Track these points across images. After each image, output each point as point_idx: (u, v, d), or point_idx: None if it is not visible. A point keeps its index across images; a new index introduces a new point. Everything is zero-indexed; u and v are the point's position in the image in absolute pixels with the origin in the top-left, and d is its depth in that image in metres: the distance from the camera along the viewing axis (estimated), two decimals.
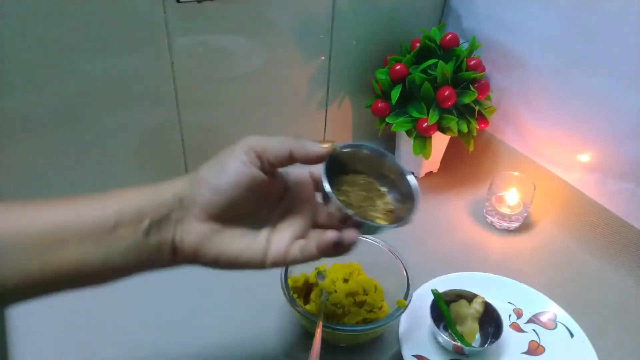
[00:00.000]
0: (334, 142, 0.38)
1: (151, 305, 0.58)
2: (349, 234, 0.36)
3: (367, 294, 0.55)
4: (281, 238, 0.38)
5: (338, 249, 0.36)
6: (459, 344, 0.53)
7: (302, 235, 0.39)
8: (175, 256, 0.36)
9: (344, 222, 0.37)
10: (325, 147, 0.37)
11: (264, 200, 0.39)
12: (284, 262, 0.38)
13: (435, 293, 0.56)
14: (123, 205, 0.34)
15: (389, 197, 0.41)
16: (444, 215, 0.77)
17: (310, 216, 0.40)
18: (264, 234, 0.38)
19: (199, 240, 0.36)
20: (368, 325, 0.51)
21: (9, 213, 0.33)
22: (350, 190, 0.39)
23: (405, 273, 0.55)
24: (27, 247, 0.32)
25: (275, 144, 0.37)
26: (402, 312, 0.51)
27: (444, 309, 0.56)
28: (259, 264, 0.37)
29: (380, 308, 0.55)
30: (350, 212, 0.36)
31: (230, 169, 0.35)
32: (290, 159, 0.37)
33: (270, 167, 0.37)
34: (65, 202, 0.34)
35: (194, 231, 0.35)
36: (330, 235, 0.36)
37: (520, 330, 0.58)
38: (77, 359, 0.52)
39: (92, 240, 0.33)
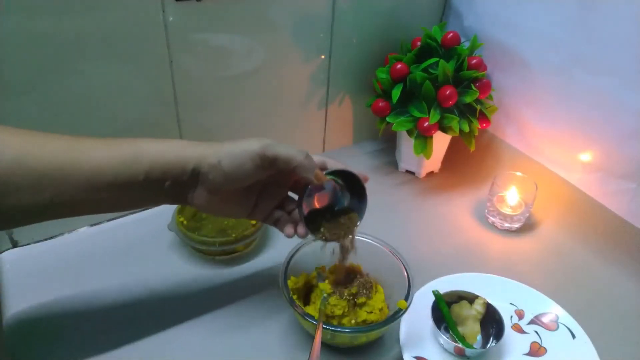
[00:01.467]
0: (327, 178, 0.49)
1: (150, 304, 0.58)
2: (300, 230, 0.51)
3: (367, 295, 0.54)
4: (265, 206, 0.52)
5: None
6: (460, 345, 0.52)
7: (280, 205, 0.53)
8: (184, 203, 0.48)
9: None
10: (319, 181, 0.47)
11: (261, 187, 0.51)
12: (263, 222, 0.54)
13: (436, 294, 0.56)
14: (152, 167, 0.43)
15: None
16: (445, 216, 0.76)
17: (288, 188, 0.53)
18: (252, 200, 0.51)
19: (204, 203, 0.47)
20: (368, 327, 0.50)
21: (73, 147, 0.42)
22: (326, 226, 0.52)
23: (406, 274, 0.55)
24: (80, 183, 0.41)
25: (287, 157, 0.44)
26: (403, 313, 0.51)
27: (445, 310, 0.55)
28: (244, 218, 0.52)
29: (381, 309, 0.54)
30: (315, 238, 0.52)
31: (246, 168, 0.44)
32: (292, 172, 0.45)
33: (276, 172, 0.46)
34: (110, 147, 0.43)
35: (202, 197, 0.46)
36: (288, 231, 0.51)
37: (521, 331, 0.57)
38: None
39: (125, 188, 0.43)
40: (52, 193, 0.40)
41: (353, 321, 0.53)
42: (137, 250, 0.65)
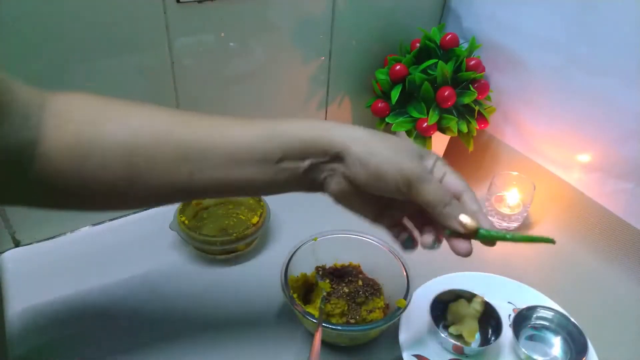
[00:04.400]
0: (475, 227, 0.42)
1: (152, 303, 0.58)
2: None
3: (367, 295, 0.55)
4: (392, 214, 0.46)
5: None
6: (459, 343, 0.53)
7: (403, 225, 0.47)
8: (318, 190, 0.44)
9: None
10: (466, 231, 0.42)
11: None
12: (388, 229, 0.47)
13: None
14: (289, 144, 0.41)
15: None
16: None
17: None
18: (379, 210, 0.45)
19: (339, 192, 0.43)
20: (368, 325, 0.51)
21: (202, 124, 0.41)
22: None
23: (405, 273, 0.55)
24: (217, 159, 0.40)
25: (426, 202, 0.40)
26: (402, 311, 0.51)
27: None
28: (370, 220, 0.46)
29: (381, 308, 0.55)
30: None
31: (389, 187, 0.40)
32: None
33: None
34: (243, 125, 0.42)
35: (339, 185, 0.42)
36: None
37: None
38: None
39: (260, 166, 0.41)
40: (190, 169, 0.39)
41: (353, 320, 0.53)
42: (139, 249, 0.66)
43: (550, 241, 0.41)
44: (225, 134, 0.41)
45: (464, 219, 0.41)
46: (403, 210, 0.46)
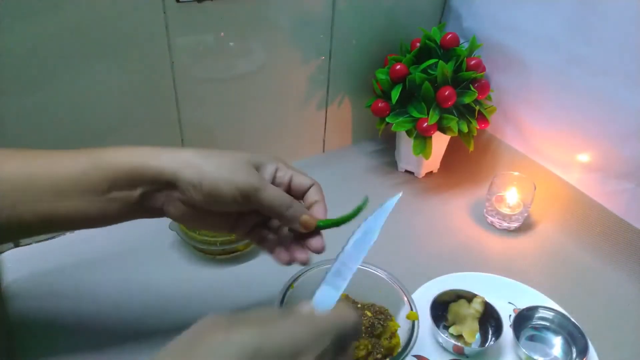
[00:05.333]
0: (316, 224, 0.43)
1: (151, 303, 0.58)
2: (301, 256, 0.44)
3: (382, 323, 0.50)
4: (247, 222, 0.46)
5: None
6: (459, 344, 0.53)
7: (261, 224, 0.47)
8: (159, 215, 0.43)
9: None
10: (307, 230, 0.43)
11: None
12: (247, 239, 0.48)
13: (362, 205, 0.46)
14: (116, 173, 0.40)
15: None
16: (444, 215, 0.77)
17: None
18: (233, 215, 0.45)
19: (180, 216, 0.43)
20: (400, 353, 0.46)
21: (25, 159, 0.40)
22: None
23: (396, 284, 0.52)
24: (39, 193, 0.39)
25: (270, 207, 0.42)
26: (419, 324, 0.48)
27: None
28: (225, 232, 0.49)
29: (396, 331, 0.51)
30: None
31: (227, 202, 0.40)
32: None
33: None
34: (69, 156, 0.40)
35: (178, 209, 0.42)
36: (281, 257, 0.45)
37: None
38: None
39: (88, 198, 0.40)
40: (13, 201, 0.38)
41: (379, 355, 0.48)
42: (139, 249, 0.65)
43: (365, 202, 0.44)
44: (48, 165, 0.40)
45: (304, 217, 0.42)
46: (257, 216, 0.46)
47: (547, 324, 0.57)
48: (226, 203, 0.41)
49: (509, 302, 0.61)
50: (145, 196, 0.41)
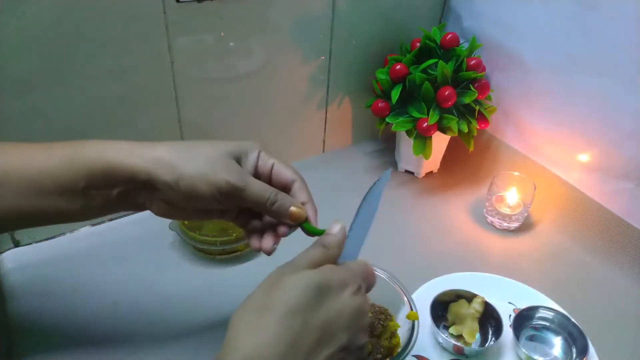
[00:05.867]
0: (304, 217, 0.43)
1: (151, 303, 0.58)
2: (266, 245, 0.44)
3: (382, 324, 0.51)
4: (230, 213, 0.45)
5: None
6: (459, 344, 0.53)
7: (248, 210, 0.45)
8: (141, 210, 0.43)
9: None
10: (295, 222, 0.42)
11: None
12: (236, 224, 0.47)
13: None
14: (91, 171, 0.38)
15: None
16: (444, 215, 0.77)
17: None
18: (216, 212, 0.45)
19: (163, 212, 0.42)
20: (400, 353, 0.47)
21: (15, 149, 0.39)
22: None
23: (395, 283, 0.52)
24: (17, 190, 0.38)
25: (256, 202, 0.41)
26: (418, 323, 0.48)
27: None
28: (214, 219, 0.46)
29: (396, 330, 0.51)
30: None
31: (207, 200, 0.39)
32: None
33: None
34: (45, 151, 0.39)
35: (161, 207, 0.42)
36: (257, 244, 0.44)
37: None
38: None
39: (66, 195, 0.39)
40: None
41: (380, 355, 0.49)
42: (139, 249, 0.65)
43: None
44: (25, 159, 0.39)
45: (292, 209, 0.41)
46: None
47: (547, 324, 0.57)
48: (206, 201, 0.39)
49: (509, 302, 0.61)
50: (124, 194, 0.40)
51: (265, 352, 0.31)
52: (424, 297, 0.56)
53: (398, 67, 0.74)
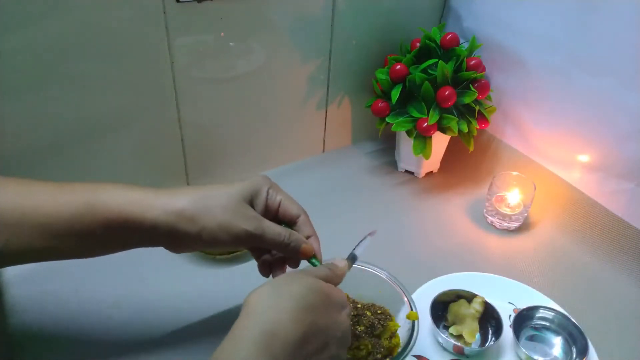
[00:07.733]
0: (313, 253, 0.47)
1: (151, 303, 0.58)
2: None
3: (382, 323, 0.51)
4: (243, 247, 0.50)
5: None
6: (459, 344, 0.53)
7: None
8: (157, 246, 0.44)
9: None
10: (306, 257, 0.46)
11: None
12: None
13: None
14: (110, 221, 0.40)
15: None
16: (444, 215, 0.77)
17: None
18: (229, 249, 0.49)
19: (179, 250, 0.45)
20: (400, 353, 0.47)
21: (19, 192, 0.40)
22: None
23: (395, 284, 0.52)
24: (32, 231, 0.38)
25: (273, 245, 0.44)
26: (418, 323, 0.48)
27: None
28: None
29: (396, 330, 0.51)
30: None
31: (229, 245, 0.43)
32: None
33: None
34: (64, 194, 0.40)
35: (179, 248, 0.45)
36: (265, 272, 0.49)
37: None
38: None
39: (84, 239, 0.41)
40: (7, 236, 0.38)
41: (380, 355, 0.49)
42: (139, 249, 0.65)
43: None
44: (42, 200, 0.39)
45: (304, 247, 0.45)
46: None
47: (547, 324, 0.57)
48: (226, 246, 0.43)
49: (509, 302, 0.61)
50: (142, 241, 0.43)
51: (282, 334, 0.34)
52: (424, 297, 0.56)
53: (398, 67, 0.74)
